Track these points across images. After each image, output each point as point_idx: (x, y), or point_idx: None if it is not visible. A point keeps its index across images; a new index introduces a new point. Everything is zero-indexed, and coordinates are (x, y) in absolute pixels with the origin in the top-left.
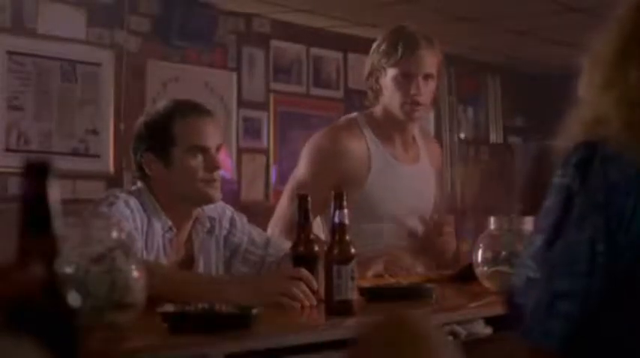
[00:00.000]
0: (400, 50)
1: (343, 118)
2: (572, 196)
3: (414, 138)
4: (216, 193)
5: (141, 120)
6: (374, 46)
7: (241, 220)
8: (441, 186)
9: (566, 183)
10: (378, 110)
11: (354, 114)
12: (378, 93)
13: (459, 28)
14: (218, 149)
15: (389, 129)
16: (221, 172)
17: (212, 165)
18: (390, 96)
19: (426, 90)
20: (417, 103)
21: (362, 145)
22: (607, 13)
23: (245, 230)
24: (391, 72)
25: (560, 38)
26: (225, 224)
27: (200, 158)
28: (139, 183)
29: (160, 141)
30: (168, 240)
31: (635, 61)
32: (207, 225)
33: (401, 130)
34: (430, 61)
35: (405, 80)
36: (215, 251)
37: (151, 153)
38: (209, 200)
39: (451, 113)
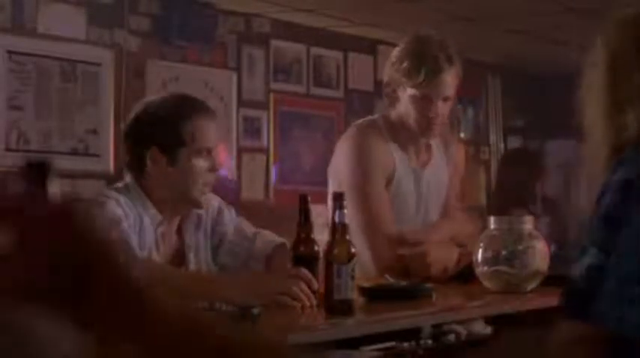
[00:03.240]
0: (422, 75)
1: (364, 120)
2: (633, 188)
3: (428, 145)
4: (205, 199)
5: (140, 111)
6: (394, 57)
7: (230, 211)
8: (461, 185)
9: (628, 177)
10: (393, 115)
11: (374, 116)
12: (394, 101)
13: (459, 27)
14: (217, 148)
15: (403, 134)
16: (221, 172)
17: (214, 167)
18: (406, 110)
19: (444, 110)
20: (434, 123)
21: (388, 148)
22: (607, 13)
23: (233, 220)
24: (410, 90)
25: (560, 38)
26: (212, 214)
27: (205, 159)
28: (128, 178)
29: (168, 139)
30: (160, 234)
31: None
32: (195, 220)
33: (415, 138)
34: (451, 82)
35: (424, 102)
36: (204, 243)
37: (156, 149)
38: (199, 206)
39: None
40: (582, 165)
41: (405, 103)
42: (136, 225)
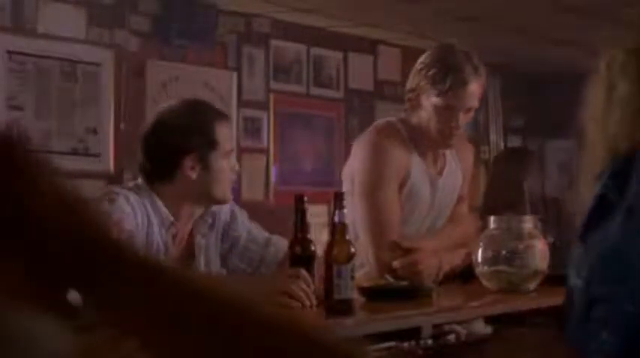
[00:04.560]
0: (448, 84)
1: (383, 122)
2: (610, 206)
3: (443, 152)
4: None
5: (161, 119)
6: (420, 64)
7: (242, 215)
8: (469, 185)
9: (604, 193)
10: (414, 121)
11: (392, 119)
12: (416, 107)
13: (459, 28)
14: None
15: (423, 140)
16: None
17: (235, 166)
18: (428, 117)
19: (465, 120)
20: (454, 134)
21: (405, 151)
22: (607, 13)
23: (245, 225)
24: (434, 98)
25: (560, 38)
26: (225, 216)
27: (230, 160)
28: (139, 180)
29: (203, 145)
30: (170, 235)
31: None
32: (210, 220)
33: (433, 146)
34: (476, 93)
35: (447, 112)
36: (214, 245)
37: (194, 156)
38: (228, 201)
39: None
40: (580, 170)
41: (427, 111)
42: (143, 224)
